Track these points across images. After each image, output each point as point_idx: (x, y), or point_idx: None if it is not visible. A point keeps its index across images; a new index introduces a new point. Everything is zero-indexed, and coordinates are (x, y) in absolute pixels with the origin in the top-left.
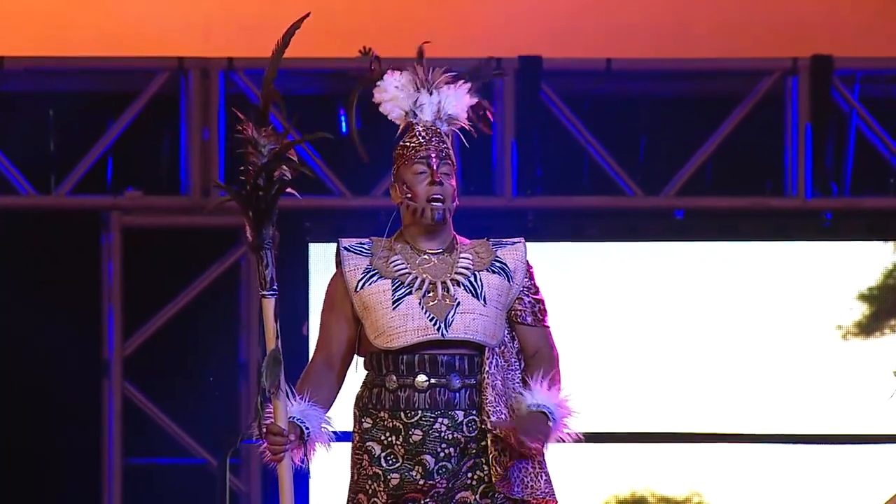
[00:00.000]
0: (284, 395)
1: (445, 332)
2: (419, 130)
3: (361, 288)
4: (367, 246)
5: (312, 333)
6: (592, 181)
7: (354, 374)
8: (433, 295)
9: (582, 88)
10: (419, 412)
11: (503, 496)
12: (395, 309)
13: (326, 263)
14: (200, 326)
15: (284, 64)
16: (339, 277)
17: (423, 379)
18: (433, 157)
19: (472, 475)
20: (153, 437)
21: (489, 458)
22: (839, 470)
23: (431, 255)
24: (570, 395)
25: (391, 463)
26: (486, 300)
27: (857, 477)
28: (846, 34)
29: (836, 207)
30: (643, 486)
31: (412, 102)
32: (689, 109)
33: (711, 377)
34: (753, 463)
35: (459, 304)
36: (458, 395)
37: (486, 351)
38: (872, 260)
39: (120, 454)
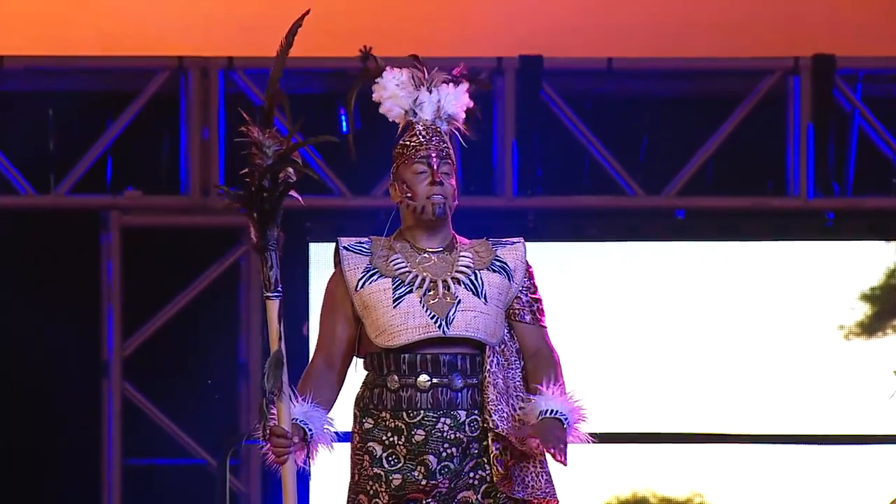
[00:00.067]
0: (287, 396)
1: (447, 329)
2: (419, 129)
3: (362, 287)
4: (366, 245)
5: (312, 333)
6: (593, 181)
7: (354, 374)
8: (434, 293)
9: (583, 88)
10: (421, 412)
11: (505, 496)
12: (395, 307)
13: (326, 263)
14: (200, 326)
15: (285, 63)
16: (338, 277)
17: (425, 379)
18: (434, 156)
19: (474, 475)
20: (153, 437)
21: (490, 457)
22: (841, 470)
23: (431, 253)
24: (581, 399)
25: (393, 463)
26: (486, 298)
27: (859, 477)
28: (848, 33)
29: (837, 207)
30: (645, 486)
31: (412, 101)
32: (690, 109)
33: (713, 377)
34: (755, 463)
35: (460, 301)
36: (460, 394)
37: (486, 349)
38: (874, 260)
39: (119, 454)
